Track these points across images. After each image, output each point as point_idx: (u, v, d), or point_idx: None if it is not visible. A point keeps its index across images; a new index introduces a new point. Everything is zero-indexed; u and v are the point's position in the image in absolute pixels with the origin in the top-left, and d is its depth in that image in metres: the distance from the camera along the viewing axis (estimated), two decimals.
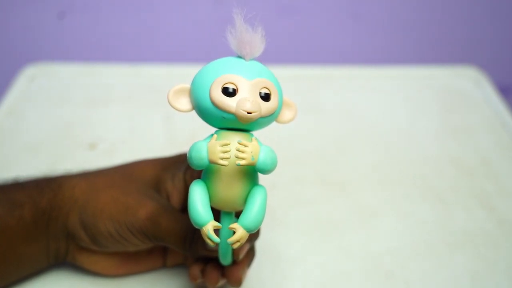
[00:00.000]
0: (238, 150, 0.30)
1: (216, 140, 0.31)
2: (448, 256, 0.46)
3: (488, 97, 0.67)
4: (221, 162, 0.30)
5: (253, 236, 0.37)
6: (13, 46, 0.90)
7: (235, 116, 0.31)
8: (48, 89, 0.66)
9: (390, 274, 0.44)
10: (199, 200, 0.32)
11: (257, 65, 0.32)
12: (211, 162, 0.31)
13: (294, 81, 0.69)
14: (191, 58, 0.79)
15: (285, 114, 0.34)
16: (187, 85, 0.32)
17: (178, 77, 0.33)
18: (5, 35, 0.89)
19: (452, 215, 0.50)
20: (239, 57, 0.32)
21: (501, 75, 0.89)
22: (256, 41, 0.32)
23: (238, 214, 0.33)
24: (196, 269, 0.38)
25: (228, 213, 0.34)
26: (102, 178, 0.40)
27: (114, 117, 0.62)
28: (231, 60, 0.32)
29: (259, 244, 0.45)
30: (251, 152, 0.31)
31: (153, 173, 0.40)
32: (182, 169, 0.40)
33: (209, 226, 0.31)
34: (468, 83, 0.69)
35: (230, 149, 0.31)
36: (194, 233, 0.36)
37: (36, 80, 0.67)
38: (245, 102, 0.30)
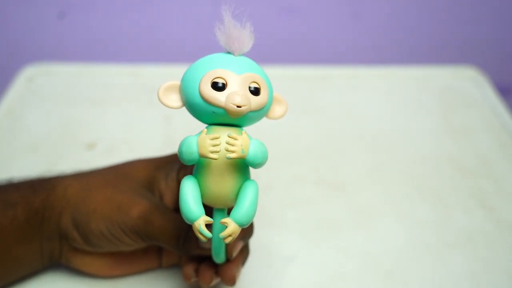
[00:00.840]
0: (228, 143, 0.31)
1: (206, 134, 0.31)
2: (447, 256, 0.46)
3: (487, 97, 0.66)
4: (211, 155, 0.30)
5: (247, 233, 0.37)
6: (12, 46, 0.90)
7: (225, 111, 0.31)
8: (47, 89, 0.66)
9: (389, 275, 0.44)
10: (190, 195, 0.32)
11: (246, 60, 0.32)
12: (201, 156, 0.31)
13: (294, 81, 0.69)
14: (191, 58, 0.79)
15: (276, 110, 0.34)
16: (177, 82, 0.33)
17: (178, 77, 0.33)
18: (4, 35, 0.89)
19: (451, 215, 0.50)
20: (229, 53, 0.32)
21: (501, 75, 0.88)
22: (244, 37, 0.32)
23: (230, 211, 0.33)
24: (189, 269, 0.38)
25: (220, 210, 0.34)
26: (96, 178, 0.40)
27: (113, 117, 0.62)
28: (220, 56, 0.32)
29: (256, 244, 0.45)
30: (241, 145, 0.31)
31: (146, 172, 0.40)
32: (175, 169, 0.40)
33: (200, 221, 0.31)
34: (467, 84, 0.69)
35: (220, 143, 0.31)
36: (187, 232, 0.36)
37: (35, 81, 0.67)
38: (234, 96, 0.30)
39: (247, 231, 0.37)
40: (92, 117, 0.61)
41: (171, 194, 0.40)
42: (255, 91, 0.32)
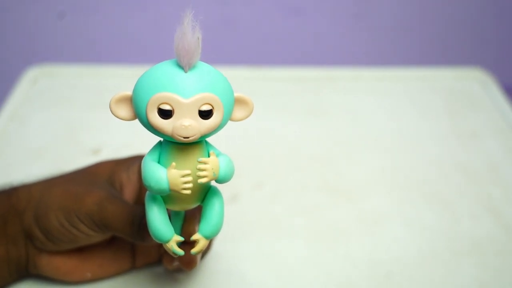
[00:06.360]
0: (199, 169, 0.30)
1: (174, 168, 0.30)
2: (454, 264, 0.46)
3: (495, 99, 0.66)
4: (185, 192, 0.30)
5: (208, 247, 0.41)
6: (15, 48, 0.90)
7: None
8: (51, 91, 0.66)
9: (396, 283, 0.44)
10: (158, 218, 0.32)
11: (199, 76, 0.30)
12: (173, 192, 0.31)
13: (298, 83, 0.68)
14: None
15: (236, 114, 0.32)
16: (129, 93, 0.31)
17: None
18: (7, 37, 0.89)
19: (458, 222, 0.50)
20: (179, 66, 0.30)
21: (508, 76, 0.88)
22: (191, 49, 0.29)
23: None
24: (169, 255, 0.38)
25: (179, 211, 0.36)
26: (59, 177, 0.41)
27: (118, 120, 0.61)
28: (170, 72, 0.29)
29: (263, 252, 0.45)
30: (212, 168, 0.31)
31: (108, 168, 0.41)
32: (136, 163, 0.41)
33: (172, 243, 0.32)
34: (474, 85, 0.69)
35: (192, 178, 0.31)
36: (141, 219, 0.36)
37: (39, 83, 0.67)
38: (180, 128, 0.29)
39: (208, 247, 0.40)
40: (96, 121, 0.61)
41: (132, 186, 0.41)
42: (207, 114, 0.30)
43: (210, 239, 0.33)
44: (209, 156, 0.32)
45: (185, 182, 0.30)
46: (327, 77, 0.70)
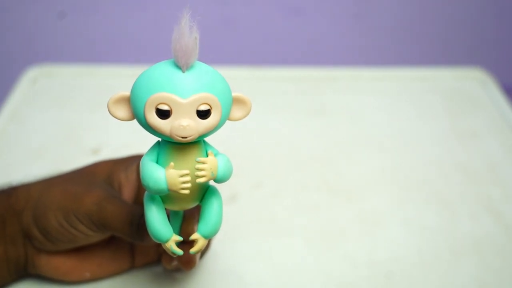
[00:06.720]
0: (197, 168, 0.30)
1: (173, 168, 0.30)
2: (454, 264, 0.45)
3: (495, 99, 0.66)
4: (183, 191, 0.30)
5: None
6: (15, 48, 0.90)
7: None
8: (51, 91, 0.66)
9: (396, 283, 0.44)
10: (156, 218, 0.32)
11: (196, 76, 0.30)
12: (172, 192, 0.31)
13: (298, 83, 0.68)
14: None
15: (235, 113, 0.32)
16: (127, 93, 0.31)
17: None
18: (7, 38, 0.89)
19: (458, 222, 0.50)
20: (177, 66, 0.30)
21: (508, 76, 0.88)
22: (189, 49, 0.29)
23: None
24: (168, 255, 0.38)
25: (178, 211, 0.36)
26: (58, 177, 0.41)
27: (118, 120, 0.61)
28: (167, 72, 0.29)
29: (262, 252, 0.45)
30: (210, 168, 0.31)
31: (106, 168, 0.41)
32: (134, 163, 0.41)
33: (171, 242, 0.32)
34: (474, 85, 0.69)
35: (190, 178, 0.31)
36: (140, 219, 0.36)
37: (39, 83, 0.67)
38: (178, 128, 0.29)
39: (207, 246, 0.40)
40: (96, 121, 0.61)
41: (130, 186, 0.41)
42: (205, 114, 0.30)
43: (209, 239, 0.33)
44: (207, 156, 0.32)
45: (184, 182, 0.30)
46: (327, 77, 0.70)
